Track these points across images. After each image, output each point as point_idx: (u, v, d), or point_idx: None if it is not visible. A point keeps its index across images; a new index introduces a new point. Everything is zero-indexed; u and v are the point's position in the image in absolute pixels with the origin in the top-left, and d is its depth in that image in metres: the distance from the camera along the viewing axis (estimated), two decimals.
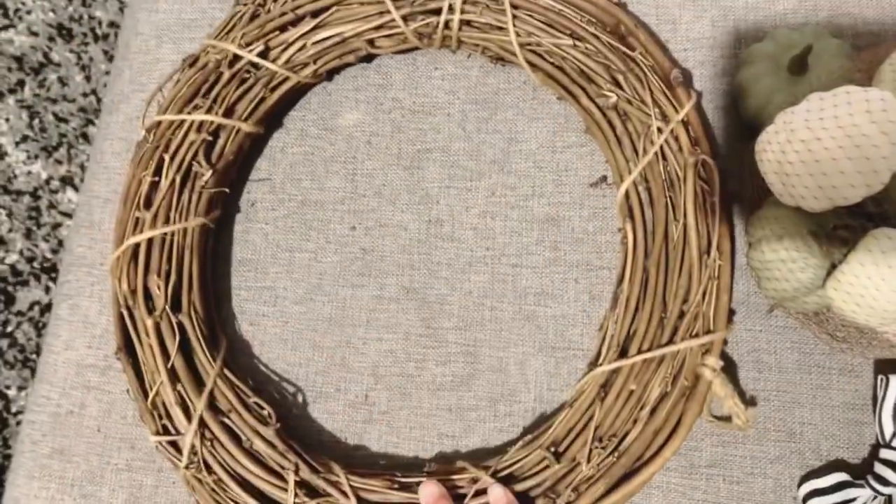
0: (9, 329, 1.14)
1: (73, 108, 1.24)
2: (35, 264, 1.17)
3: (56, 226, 1.18)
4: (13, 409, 1.12)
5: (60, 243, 1.19)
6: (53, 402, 0.59)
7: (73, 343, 0.60)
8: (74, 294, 0.61)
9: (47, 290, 1.16)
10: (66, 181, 1.21)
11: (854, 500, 0.48)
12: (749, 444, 0.52)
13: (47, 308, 1.15)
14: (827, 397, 0.52)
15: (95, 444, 0.57)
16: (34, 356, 1.15)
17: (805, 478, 0.50)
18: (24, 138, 1.23)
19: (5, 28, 1.29)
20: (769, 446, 0.52)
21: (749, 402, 0.52)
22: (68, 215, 1.18)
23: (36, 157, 1.23)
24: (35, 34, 1.28)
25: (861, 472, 0.50)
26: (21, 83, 1.26)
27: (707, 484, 0.52)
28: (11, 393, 1.12)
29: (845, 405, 0.52)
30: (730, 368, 0.53)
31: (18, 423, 1.10)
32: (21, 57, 1.28)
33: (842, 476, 0.49)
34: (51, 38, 1.28)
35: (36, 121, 1.24)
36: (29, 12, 1.29)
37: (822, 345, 0.53)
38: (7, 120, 1.25)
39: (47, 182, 1.21)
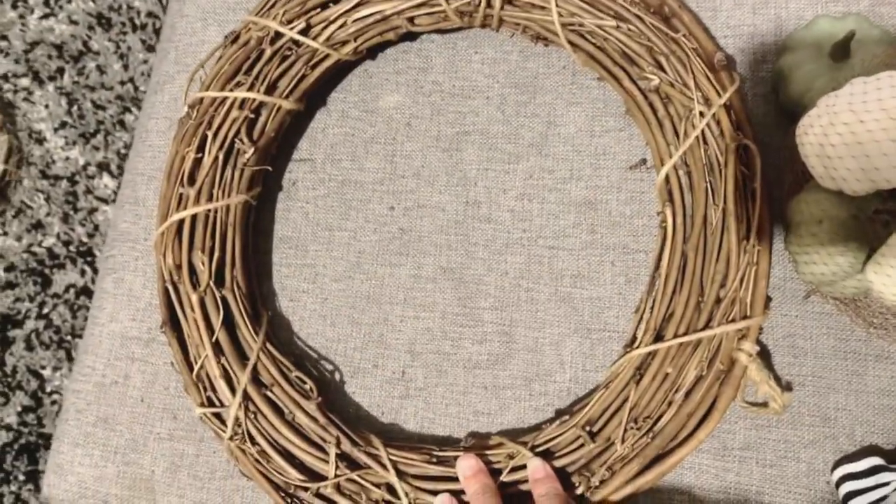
0: (45, 311, 1.17)
1: (110, 96, 1.26)
2: (71, 248, 1.20)
3: (92, 210, 1.21)
4: (48, 389, 1.14)
5: (96, 228, 1.21)
6: (98, 373, 0.60)
7: (117, 315, 0.61)
8: (119, 268, 0.62)
9: (83, 273, 1.19)
10: (103, 167, 1.23)
11: (887, 483, 0.48)
12: (783, 428, 0.52)
13: (83, 291, 1.17)
14: (862, 383, 0.52)
15: (139, 414, 0.59)
16: (69, 338, 1.17)
17: (839, 462, 0.51)
18: (63, 125, 1.26)
19: (46, 17, 1.31)
20: (803, 431, 0.52)
21: (784, 386, 0.52)
22: (104, 200, 1.21)
23: (74, 143, 1.26)
24: (75, 23, 1.31)
25: (895, 457, 0.50)
26: (61, 71, 1.29)
27: (740, 466, 0.52)
28: (46, 373, 1.15)
29: (881, 391, 0.52)
30: (765, 353, 0.53)
31: (53, 403, 1.12)
32: (61, 45, 1.31)
33: (875, 460, 0.49)
34: (90, 27, 1.30)
35: (74, 108, 1.27)
36: (69, 1, 1.32)
37: (858, 331, 0.53)
38: (46, 106, 1.27)
39: (84, 168, 1.23)
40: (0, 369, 1.16)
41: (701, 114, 0.52)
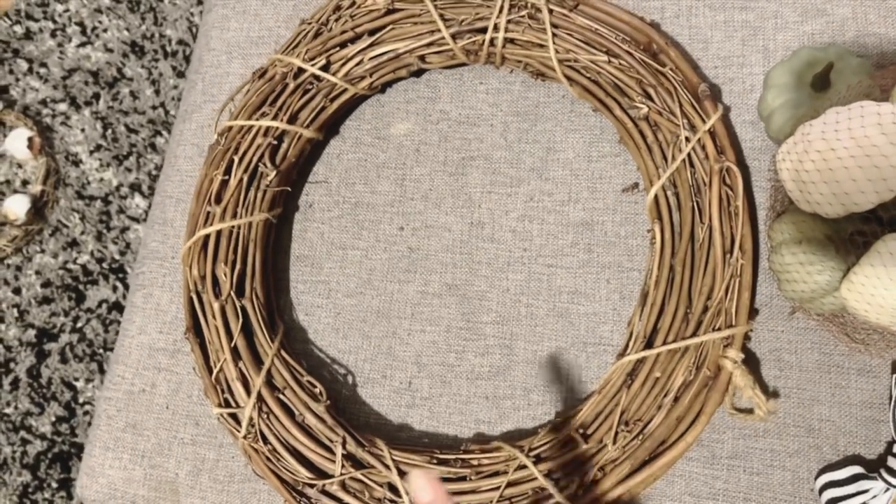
0: (79, 325, 1.22)
1: (142, 120, 1.32)
2: (104, 265, 1.25)
3: (124, 229, 1.26)
4: (81, 400, 1.18)
5: (128, 245, 1.26)
6: (127, 381, 0.65)
7: (145, 328, 0.66)
8: (148, 284, 0.67)
9: (115, 289, 1.23)
10: (135, 188, 1.29)
11: (867, 491, 0.51)
12: (769, 438, 0.55)
13: (115, 306, 1.22)
14: (845, 396, 0.55)
15: (164, 420, 0.63)
16: (101, 351, 1.22)
17: (822, 471, 0.53)
18: (98, 147, 1.32)
19: (83, 45, 1.38)
20: (788, 440, 0.54)
21: (770, 394, 0.55)
22: (136, 219, 1.26)
23: (108, 165, 1.31)
24: (110, 51, 1.37)
25: (877, 467, 0.52)
26: (97, 96, 1.35)
27: (728, 474, 0.55)
28: (80, 385, 1.19)
29: (863, 403, 0.54)
30: (753, 366, 0.56)
31: (85, 414, 1.16)
32: (97, 72, 1.37)
33: (856, 469, 0.52)
34: (124, 55, 1.36)
35: (109, 131, 1.32)
36: (105, 30, 1.38)
37: (841, 345, 0.55)
38: (83, 130, 1.33)
39: (117, 188, 1.29)
40: (36, 381, 1.21)
41: (686, 139, 0.56)
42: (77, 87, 1.35)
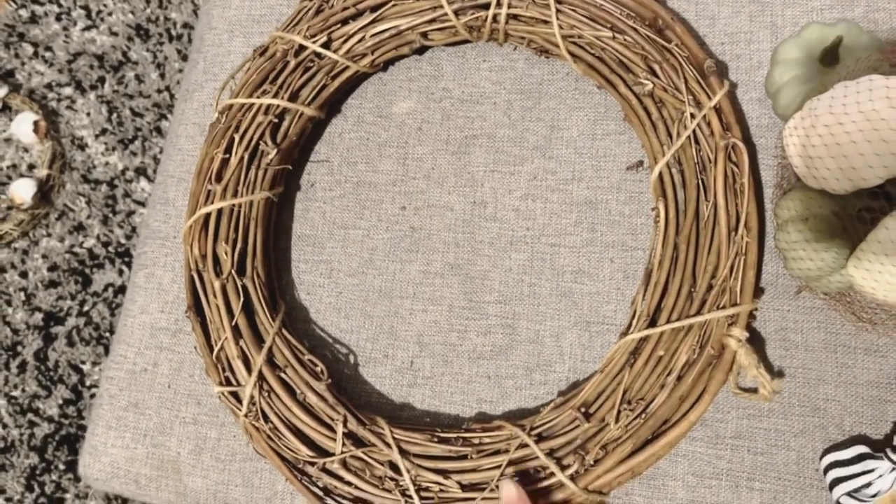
0: (85, 308, 1.22)
1: (148, 104, 1.31)
2: (110, 249, 1.25)
3: (130, 213, 1.26)
4: (87, 383, 1.19)
5: (134, 230, 1.26)
6: (129, 361, 0.65)
7: (147, 308, 0.66)
8: (150, 264, 0.67)
9: (121, 272, 1.23)
10: (140, 171, 1.29)
11: (873, 470, 0.50)
12: (774, 418, 0.54)
13: (121, 289, 1.22)
14: (851, 375, 0.54)
15: (166, 399, 0.63)
16: (107, 334, 1.22)
17: (827, 450, 0.53)
18: (103, 131, 1.31)
19: (88, 28, 1.37)
20: (793, 420, 0.54)
21: (775, 374, 0.55)
22: (141, 203, 1.26)
23: (113, 149, 1.31)
24: (115, 34, 1.36)
25: (882, 446, 0.52)
26: (102, 80, 1.35)
27: (732, 454, 0.54)
28: (86, 367, 1.20)
29: (869, 383, 0.54)
30: (758, 345, 0.55)
31: (92, 396, 1.17)
32: (102, 56, 1.36)
33: (862, 448, 0.51)
34: (129, 38, 1.36)
35: (114, 115, 1.32)
36: (110, 14, 1.38)
37: (848, 325, 0.55)
38: (88, 114, 1.33)
39: (123, 172, 1.29)
40: (43, 364, 1.21)
41: (692, 115, 0.55)
42: (82, 71, 1.34)
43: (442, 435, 0.54)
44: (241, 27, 0.72)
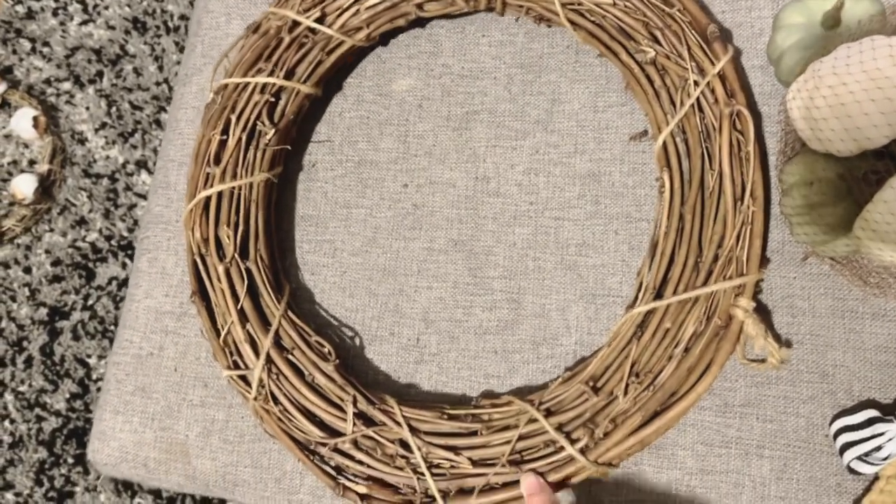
0: (90, 302, 1.22)
1: (146, 97, 1.31)
2: (113, 242, 1.25)
3: (132, 206, 1.26)
4: (94, 377, 1.19)
5: (136, 223, 1.26)
6: (136, 345, 0.65)
7: (152, 292, 0.65)
8: (153, 248, 0.67)
9: (124, 265, 1.23)
10: (141, 164, 1.28)
11: (883, 434, 0.50)
12: (782, 385, 0.54)
13: (124, 282, 1.22)
14: (859, 340, 0.54)
15: (173, 383, 0.63)
16: (112, 327, 1.22)
17: (836, 416, 0.52)
18: (103, 125, 1.31)
19: (85, 23, 1.37)
20: (802, 387, 0.54)
21: (783, 343, 0.54)
22: (143, 196, 1.25)
23: (113, 142, 1.31)
24: (112, 28, 1.36)
25: (892, 410, 0.52)
26: (100, 74, 1.34)
27: (741, 422, 0.54)
28: (92, 361, 1.20)
29: (877, 348, 0.53)
30: (765, 314, 0.55)
31: (99, 390, 1.17)
32: (99, 49, 1.36)
33: (871, 412, 0.51)
34: (126, 32, 1.35)
35: (113, 109, 1.32)
36: (107, 7, 1.37)
37: (855, 291, 0.54)
38: (87, 108, 1.33)
39: (124, 166, 1.28)
40: (49, 358, 1.21)
41: (696, 83, 0.54)
42: (80, 66, 1.34)
43: (451, 412, 0.54)
44: (238, 9, 0.71)
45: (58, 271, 1.26)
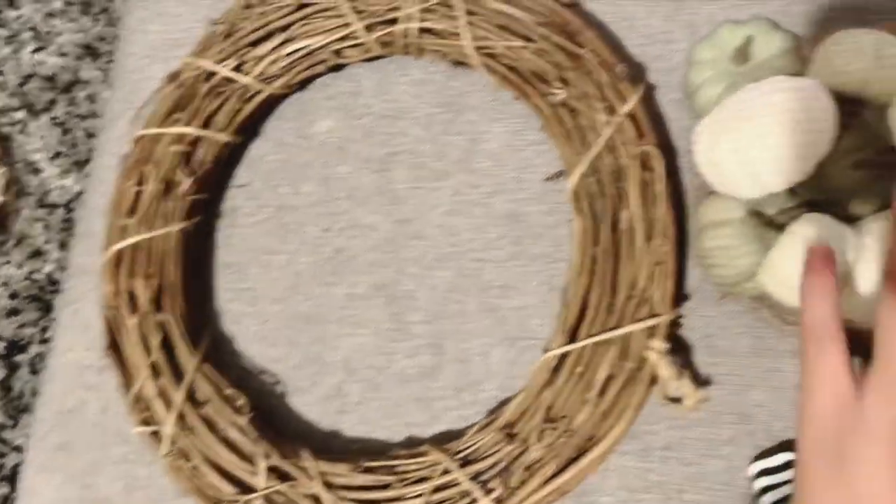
0: (47, 335, 1.21)
1: (101, 124, 1.30)
2: None
3: None
4: None
5: None
6: (57, 401, 0.64)
7: (74, 346, 0.64)
8: (74, 300, 0.66)
9: None
10: None
11: None
12: (703, 427, 0.53)
13: None
14: (779, 379, 0.53)
15: (95, 439, 0.62)
16: None
17: (756, 458, 0.52)
18: (57, 154, 1.30)
19: (37, 50, 1.36)
20: (723, 429, 0.53)
21: (702, 383, 0.54)
22: None
23: (68, 171, 1.30)
24: (65, 55, 1.35)
25: None
26: (53, 102, 1.34)
27: (662, 466, 0.53)
28: None
29: (797, 386, 0.52)
30: (685, 353, 0.54)
31: None
32: (52, 76, 1.35)
33: (789, 455, 0.50)
34: (79, 58, 1.35)
35: (68, 136, 1.31)
36: (59, 34, 1.36)
37: (773, 329, 0.54)
38: (42, 137, 1.32)
39: (79, 195, 1.28)
40: (7, 394, 1.20)
41: (606, 123, 0.54)
42: (33, 94, 1.33)
43: (367, 464, 0.53)
44: (160, 52, 0.70)
45: (15, 304, 1.25)
